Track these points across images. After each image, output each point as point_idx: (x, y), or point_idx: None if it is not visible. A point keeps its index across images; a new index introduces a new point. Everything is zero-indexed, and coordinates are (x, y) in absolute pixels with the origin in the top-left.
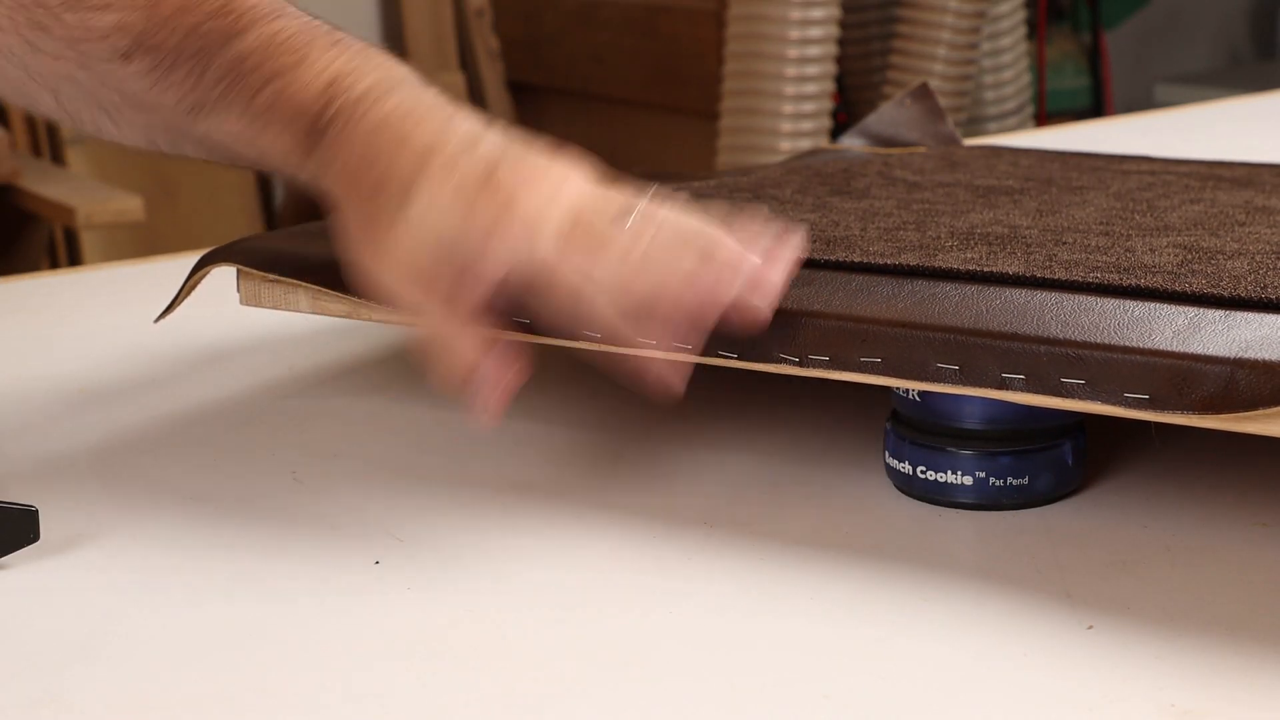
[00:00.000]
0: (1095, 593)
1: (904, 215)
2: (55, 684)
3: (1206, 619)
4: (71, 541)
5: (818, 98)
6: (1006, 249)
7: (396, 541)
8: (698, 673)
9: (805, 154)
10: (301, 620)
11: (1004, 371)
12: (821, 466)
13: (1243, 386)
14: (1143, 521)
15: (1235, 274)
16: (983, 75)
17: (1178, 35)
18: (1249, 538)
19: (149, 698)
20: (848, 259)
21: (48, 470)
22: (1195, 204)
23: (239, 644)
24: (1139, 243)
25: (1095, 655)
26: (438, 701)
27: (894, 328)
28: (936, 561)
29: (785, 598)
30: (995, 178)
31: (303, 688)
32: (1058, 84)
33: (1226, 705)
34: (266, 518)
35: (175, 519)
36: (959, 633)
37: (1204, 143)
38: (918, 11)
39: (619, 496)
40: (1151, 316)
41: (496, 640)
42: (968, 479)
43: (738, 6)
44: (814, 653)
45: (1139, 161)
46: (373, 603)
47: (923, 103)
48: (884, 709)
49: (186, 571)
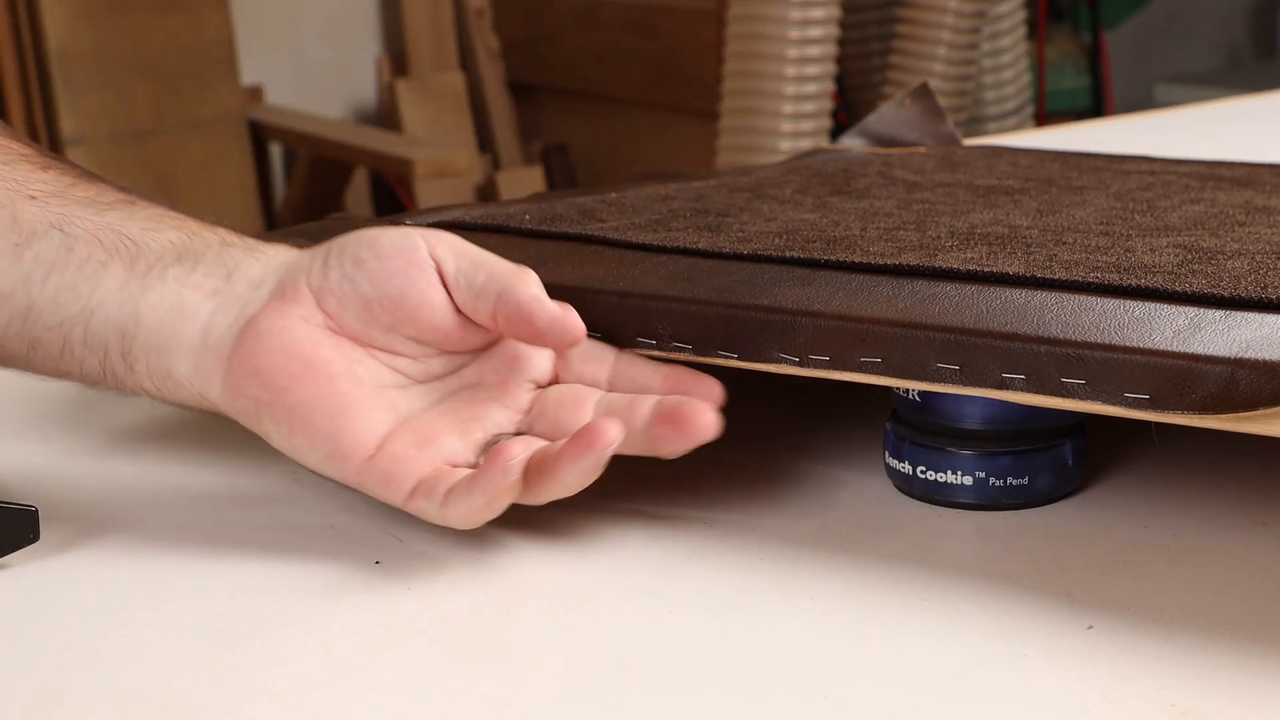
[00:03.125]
0: (1095, 593)
1: (904, 215)
2: (55, 684)
3: (1206, 619)
4: (71, 541)
5: (818, 98)
6: (1007, 249)
7: (396, 541)
8: (698, 673)
9: (805, 154)
10: (302, 620)
11: (1004, 371)
12: (821, 466)
13: (1243, 386)
14: (1143, 521)
15: (1235, 274)
16: (983, 75)
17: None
18: (1249, 538)
19: (149, 698)
20: (848, 259)
21: (48, 470)
22: (1195, 204)
23: (239, 644)
24: (1139, 243)
25: (1095, 655)
26: (437, 701)
27: (894, 328)
28: (936, 561)
29: (785, 598)
30: (995, 178)
31: (303, 688)
32: (1058, 84)
33: (1226, 705)
34: (266, 518)
35: (175, 519)
36: (959, 633)
37: (1204, 143)
38: (918, 11)
39: (619, 497)
40: (1152, 316)
41: (496, 640)
42: (968, 479)
43: (738, 6)
44: (814, 653)
45: (1139, 161)
46: (373, 603)
47: (923, 103)
48: (884, 709)
49: (186, 571)
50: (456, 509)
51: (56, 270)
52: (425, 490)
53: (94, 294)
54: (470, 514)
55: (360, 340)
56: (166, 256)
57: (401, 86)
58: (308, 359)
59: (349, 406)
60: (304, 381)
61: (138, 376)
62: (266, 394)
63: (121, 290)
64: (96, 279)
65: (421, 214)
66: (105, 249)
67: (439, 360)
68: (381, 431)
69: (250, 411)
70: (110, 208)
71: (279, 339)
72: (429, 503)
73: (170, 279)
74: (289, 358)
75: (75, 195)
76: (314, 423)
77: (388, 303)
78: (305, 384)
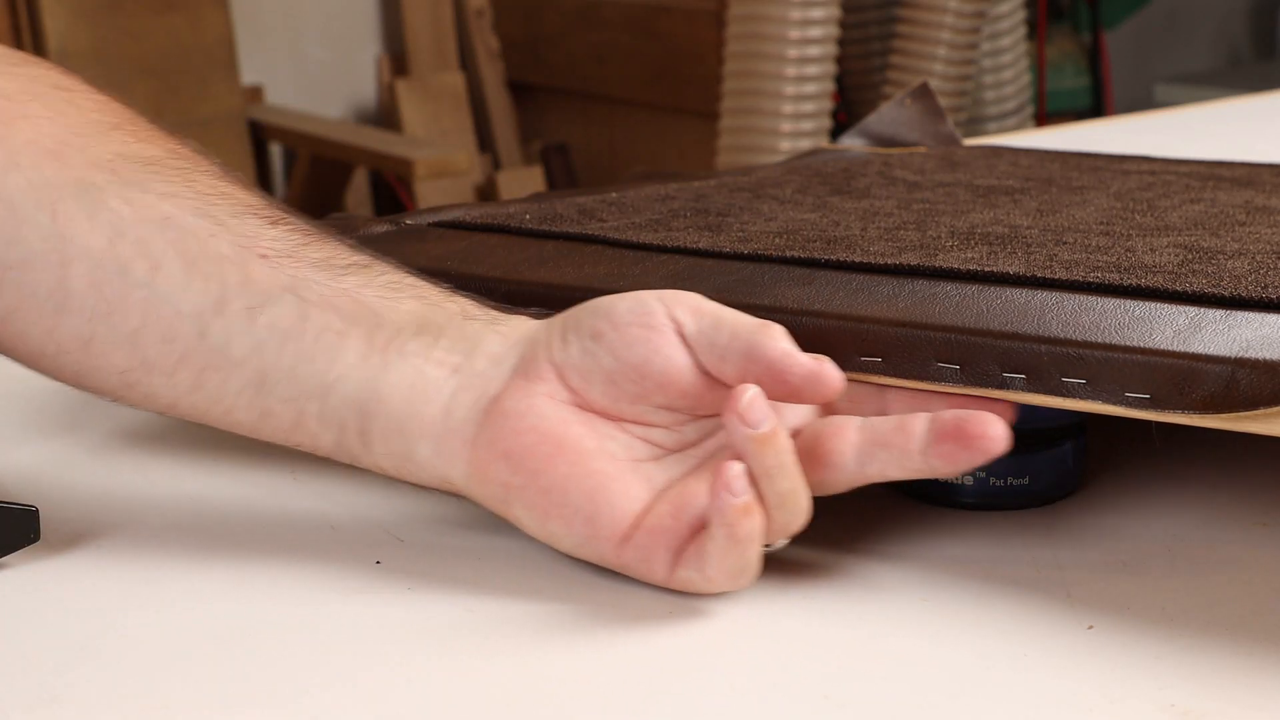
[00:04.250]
0: (1095, 593)
1: (904, 215)
2: (55, 684)
3: (1206, 619)
4: (71, 541)
5: (818, 98)
6: (1007, 249)
7: (397, 541)
8: (698, 673)
9: (805, 154)
10: (302, 620)
11: (1004, 371)
12: None
13: (1243, 386)
14: (1143, 521)
15: (1236, 274)
16: (983, 75)
17: (1178, 35)
18: (1249, 538)
19: (149, 698)
20: (848, 259)
21: (48, 470)
22: (1195, 204)
23: (239, 644)
24: (1139, 242)
25: (1095, 655)
26: (437, 701)
27: (894, 327)
28: (936, 561)
29: (785, 598)
30: (995, 178)
31: (303, 688)
32: (1058, 84)
33: (1226, 705)
34: (266, 518)
35: (175, 519)
36: (959, 633)
37: (1204, 143)
38: (918, 11)
39: None
40: (1152, 316)
41: (496, 640)
42: (968, 479)
43: (738, 6)
44: (814, 653)
45: (1139, 161)
46: (373, 603)
47: (923, 103)
48: (884, 709)
49: (186, 571)
50: (711, 565)
51: (292, 340)
52: (687, 559)
53: (332, 368)
54: (727, 562)
55: (609, 415)
56: (407, 330)
57: (401, 86)
58: (558, 439)
59: (604, 485)
60: (556, 463)
61: (375, 456)
62: (518, 478)
63: (362, 366)
64: (335, 351)
65: (421, 214)
66: (343, 318)
67: (693, 426)
68: (639, 508)
69: (499, 497)
70: (346, 271)
71: (526, 419)
72: (693, 571)
73: (411, 354)
74: (539, 439)
75: (308, 256)
76: (570, 505)
77: (632, 373)
78: (557, 465)
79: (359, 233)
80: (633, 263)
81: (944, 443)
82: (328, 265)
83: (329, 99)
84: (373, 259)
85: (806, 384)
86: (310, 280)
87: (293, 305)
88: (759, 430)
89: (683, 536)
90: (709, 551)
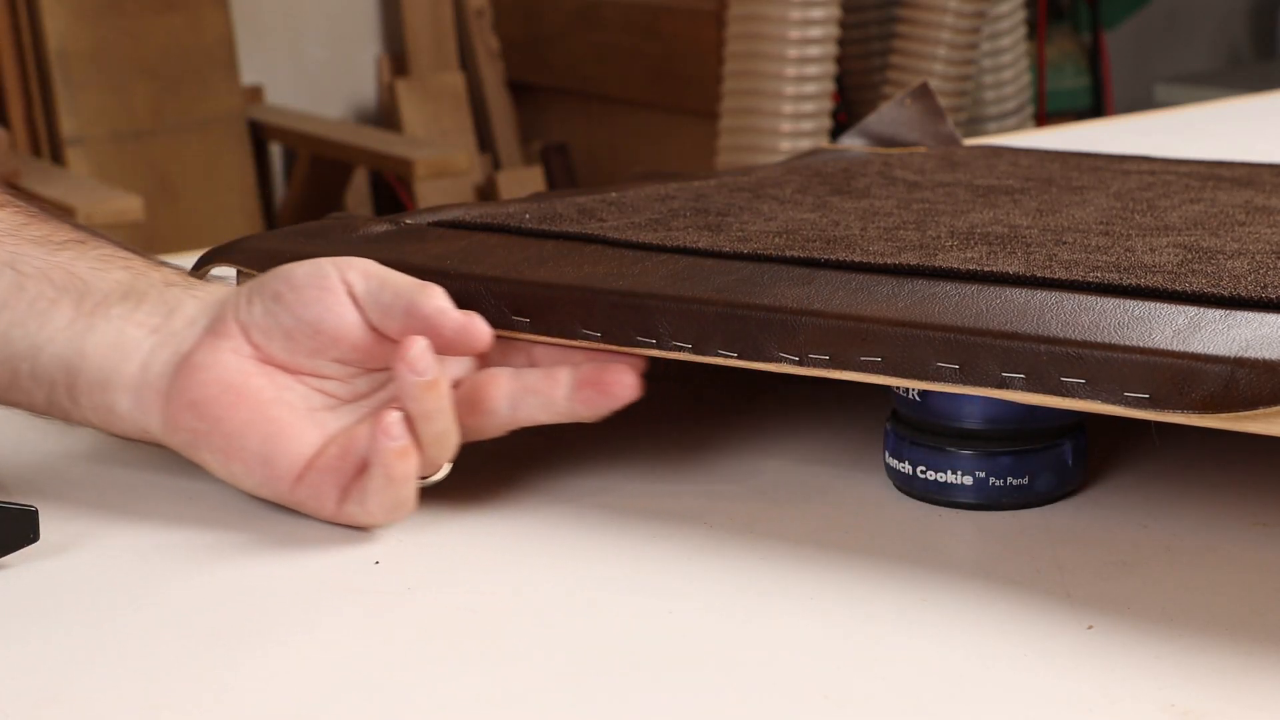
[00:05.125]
0: (1095, 593)
1: (904, 215)
2: (55, 684)
3: (1206, 619)
4: (71, 541)
5: (818, 98)
6: (1006, 249)
7: (397, 541)
8: (698, 673)
9: (805, 154)
10: (302, 620)
11: (1004, 371)
12: (821, 466)
13: (1243, 386)
14: (1143, 521)
15: (1235, 273)
16: (983, 75)
17: (1178, 35)
18: (1249, 538)
19: (149, 698)
20: (848, 258)
21: (48, 470)
22: (1195, 204)
23: (238, 644)
24: (1139, 242)
25: (1095, 655)
26: (438, 701)
27: (894, 327)
28: (936, 561)
29: (785, 598)
30: (995, 178)
31: (303, 688)
32: (1058, 84)
33: (1226, 705)
34: (266, 518)
35: (174, 519)
36: (959, 633)
37: (1204, 143)
38: (918, 11)
39: (619, 497)
40: (1152, 316)
41: (496, 640)
42: (968, 479)
43: (738, 6)
44: (814, 653)
45: (1139, 161)
46: (373, 603)
47: (923, 103)
48: (884, 709)
49: (186, 572)
50: (371, 501)
51: (8, 308)
52: (351, 496)
53: (42, 330)
54: (384, 498)
55: (288, 368)
56: (112, 296)
57: (401, 86)
58: (239, 389)
59: (280, 430)
60: (237, 410)
61: (82, 410)
62: (202, 424)
63: (69, 328)
64: (45, 316)
65: (421, 213)
66: (55, 287)
67: (365, 379)
68: (311, 452)
69: (189, 442)
70: (62, 247)
71: (212, 372)
72: (356, 506)
73: (115, 317)
74: (222, 389)
75: (28, 234)
76: (248, 448)
77: (308, 329)
78: (238, 412)
79: (359, 232)
80: (632, 262)
81: (584, 389)
82: (45, 242)
83: (329, 99)
84: (89, 236)
85: (458, 337)
86: (28, 255)
87: (10, 278)
88: (424, 378)
89: (348, 475)
90: (369, 489)
